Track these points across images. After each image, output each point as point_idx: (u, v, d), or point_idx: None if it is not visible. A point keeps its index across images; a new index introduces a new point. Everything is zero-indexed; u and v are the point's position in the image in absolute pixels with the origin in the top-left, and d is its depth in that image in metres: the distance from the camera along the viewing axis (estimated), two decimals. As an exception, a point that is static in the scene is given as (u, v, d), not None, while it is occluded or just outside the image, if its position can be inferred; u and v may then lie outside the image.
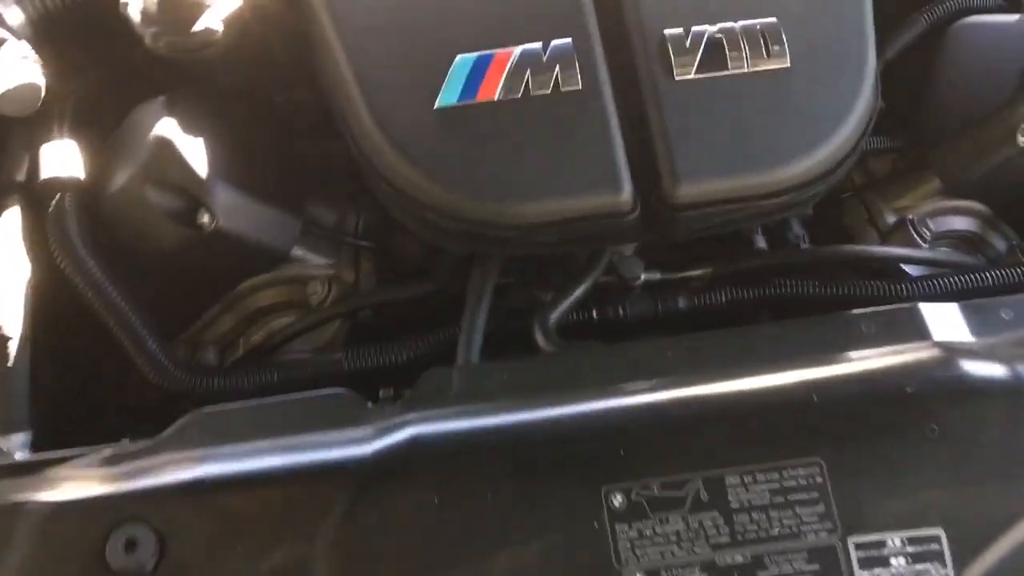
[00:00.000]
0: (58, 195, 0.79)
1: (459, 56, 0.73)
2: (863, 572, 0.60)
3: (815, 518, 0.61)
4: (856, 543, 0.60)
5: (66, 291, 0.77)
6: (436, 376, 0.69)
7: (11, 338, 0.74)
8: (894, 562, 0.60)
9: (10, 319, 0.75)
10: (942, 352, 0.65)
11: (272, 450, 0.64)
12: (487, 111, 0.72)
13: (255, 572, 0.61)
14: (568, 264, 0.85)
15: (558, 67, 0.72)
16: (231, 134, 0.82)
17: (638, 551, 0.60)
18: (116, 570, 0.60)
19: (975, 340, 0.67)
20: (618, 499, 0.61)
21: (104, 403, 0.86)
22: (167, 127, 0.78)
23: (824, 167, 0.73)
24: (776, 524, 0.61)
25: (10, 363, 0.74)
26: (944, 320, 0.68)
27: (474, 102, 0.72)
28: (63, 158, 0.80)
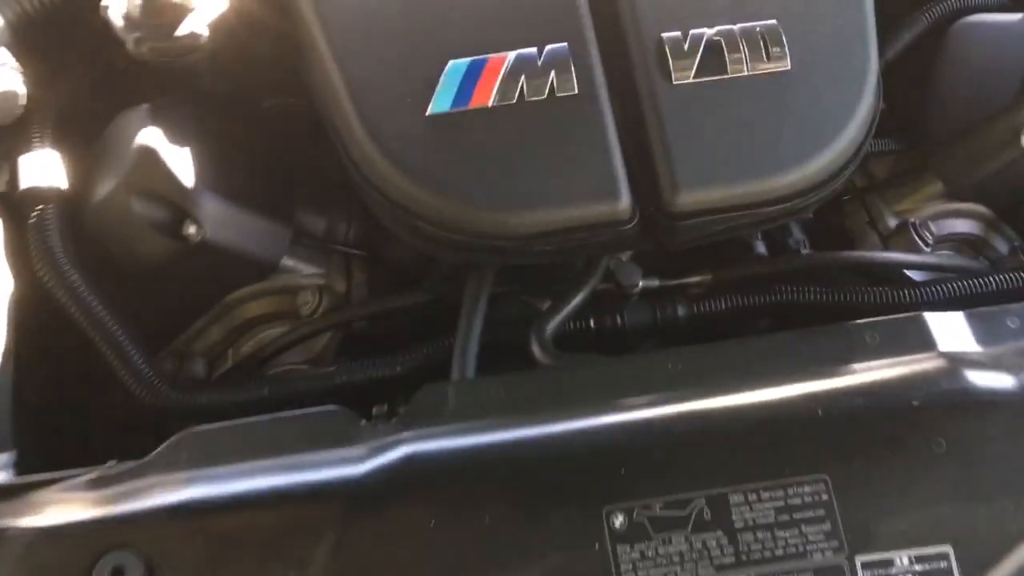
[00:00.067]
0: (39, 206, 0.77)
1: (452, 61, 0.71)
2: (871, 592, 0.59)
3: (821, 536, 0.60)
4: (863, 562, 0.59)
5: (49, 304, 0.76)
6: (431, 392, 0.68)
7: (-7, 354, 0.73)
8: (902, 581, 0.59)
9: (-8, 334, 0.73)
10: (948, 363, 0.64)
11: (262, 471, 0.63)
12: (481, 118, 0.70)
13: (247, 599, 0.59)
14: (564, 271, 0.83)
15: (553, 72, 0.71)
16: (218, 141, 0.80)
17: (640, 573, 0.59)
18: (103, 599, 0.59)
19: (981, 350, 0.66)
20: (619, 519, 0.60)
21: (91, 417, 0.84)
22: (151, 135, 0.76)
23: (827, 172, 0.72)
24: (781, 543, 0.60)
25: None
26: (949, 329, 0.67)
27: (467, 109, 0.70)
28: (44, 168, 0.78)
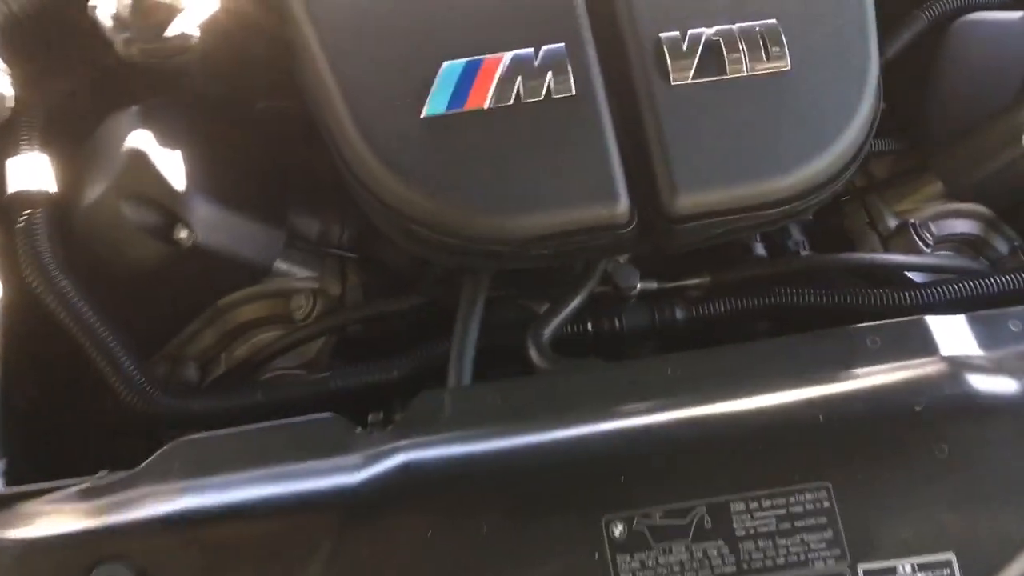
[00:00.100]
0: (28, 210, 0.76)
1: (447, 62, 0.70)
2: (874, 601, 0.58)
3: (823, 545, 0.59)
4: (866, 570, 0.58)
5: (38, 310, 0.74)
6: (427, 400, 0.67)
7: (-19, 361, 0.72)
8: (905, 590, 0.58)
9: (-20, 341, 0.72)
10: (951, 367, 0.63)
11: (256, 481, 0.62)
12: (477, 120, 0.69)
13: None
14: (562, 274, 0.82)
15: (550, 73, 0.70)
16: (209, 144, 0.79)
17: (640, 583, 0.58)
18: (95, 611, 0.58)
19: (983, 354, 0.65)
20: (619, 528, 0.59)
21: (82, 423, 0.83)
22: (142, 138, 0.75)
23: (828, 174, 0.72)
24: (783, 552, 0.59)
25: None
26: (951, 333, 0.66)
27: (463, 111, 0.69)
28: (33, 171, 0.77)
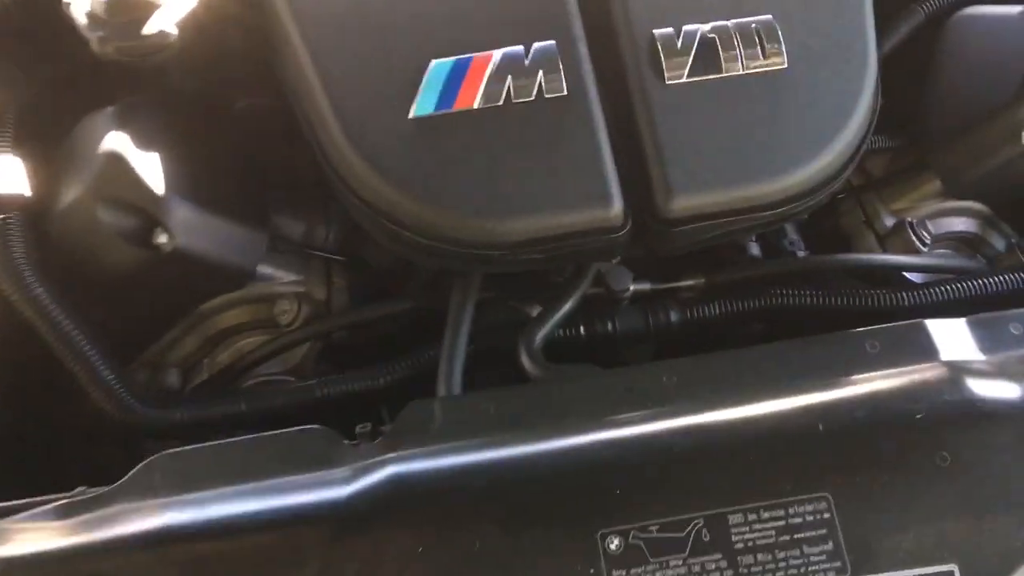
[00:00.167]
0: (1, 215, 0.73)
1: (435, 61, 0.68)
2: (875, 614, 0.57)
3: (823, 557, 0.58)
4: (867, 582, 0.57)
5: (12, 316, 0.73)
6: (417, 410, 0.65)
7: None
8: (907, 602, 0.57)
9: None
10: (952, 373, 0.62)
11: (240, 496, 0.61)
12: (466, 120, 0.68)
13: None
14: (554, 275, 0.80)
15: (541, 72, 0.68)
16: (188, 144, 0.77)
17: (637, 599, 0.57)
18: (73, 633, 0.56)
19: (984, 358, 0.64)
20: (615, 543, 0.58)
21: (58, 428, 0.81)
22: (118, 140, 0.73)
23: (825, 174, 0.70)
24: (783, 565, 0.58)
25: None
26: (952, 337, 0.65)
27: (452, 111, 0.68)
28: (6, 174, 0.75)
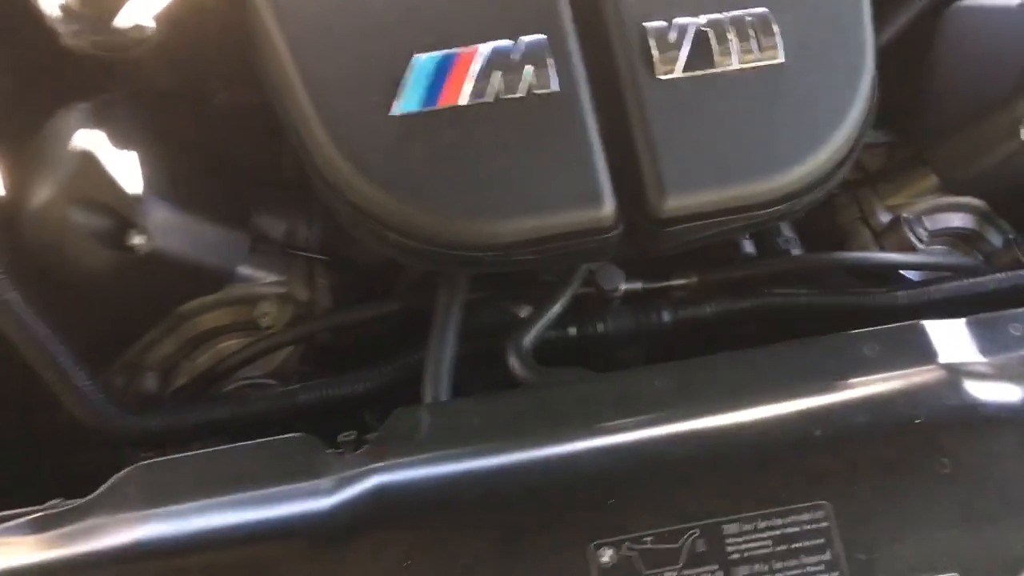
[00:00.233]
0: None
1: (418, 55, 0.66)
2: (875, 625, 0.56)
3: (822, 567, 0.57)
4: (867, 593, 0.56)
5: None
6: (403, 417, 0.64)
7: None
8: (907, 612, 0.56)
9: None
10: (952, 376, 0.61)
11: (218, 508, 0.59)
12: (452, 118, 0.66)
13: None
14: (543, 275, 0.78)
15: (530, 67, 0.66)
16: (164, 142, 0.75)
17: (630, 612, 0.56)
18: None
19: (985, 360, 0.63)
20: (607, 555, 0.57)
21: (34, 433, 0.80)
22: (91, 138, 0.71)
23: (821, 172, 0.69)
24: (780, 575, 0.57)
25: None
26: (951, 339, 0.64)
27: (437, 108, 0.66)
28: (-27, 174, 0.72)
